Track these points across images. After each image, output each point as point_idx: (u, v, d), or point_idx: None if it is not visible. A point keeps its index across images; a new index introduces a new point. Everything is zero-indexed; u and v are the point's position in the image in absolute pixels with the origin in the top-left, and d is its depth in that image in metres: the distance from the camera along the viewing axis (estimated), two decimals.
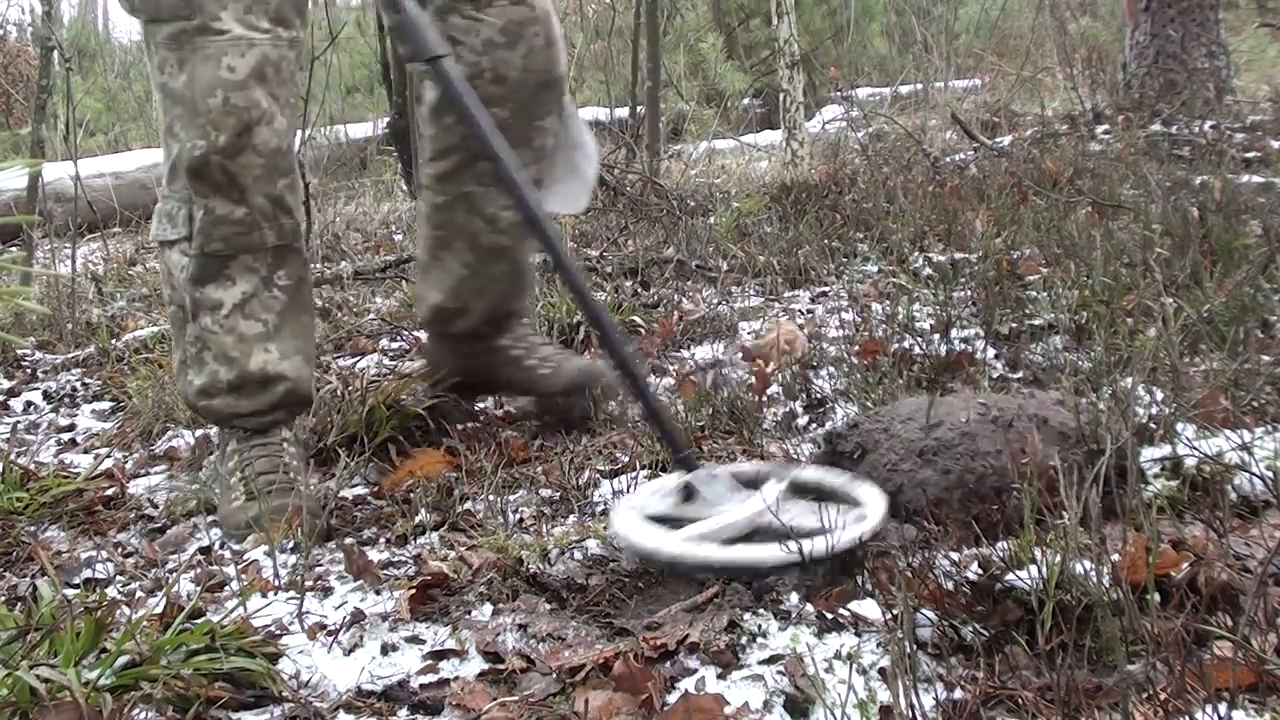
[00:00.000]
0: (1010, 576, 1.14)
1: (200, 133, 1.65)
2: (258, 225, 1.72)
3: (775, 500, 1.39)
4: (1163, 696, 0.95)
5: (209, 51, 1.64)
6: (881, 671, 1.10)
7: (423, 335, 2.91)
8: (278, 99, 1.69)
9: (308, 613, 1.35)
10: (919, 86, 7.48)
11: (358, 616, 1.32)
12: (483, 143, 1.62)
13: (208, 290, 1.75)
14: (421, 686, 1.18)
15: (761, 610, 1.24)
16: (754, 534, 1.38)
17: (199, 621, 1.21)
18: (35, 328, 3.34)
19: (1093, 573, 1.08)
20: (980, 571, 1.17)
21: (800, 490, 1.47)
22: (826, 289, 3.01)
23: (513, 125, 1.82)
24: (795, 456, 1.68)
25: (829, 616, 1.21)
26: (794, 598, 1.27)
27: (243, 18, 1.65)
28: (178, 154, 1.69)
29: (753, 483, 1.47)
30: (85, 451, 2.24)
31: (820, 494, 1.45)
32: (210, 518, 1.76)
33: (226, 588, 1.49)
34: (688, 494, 1.49)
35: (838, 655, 1.14)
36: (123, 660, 1.12)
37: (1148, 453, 1.46)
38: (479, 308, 2.01)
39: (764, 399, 2.03)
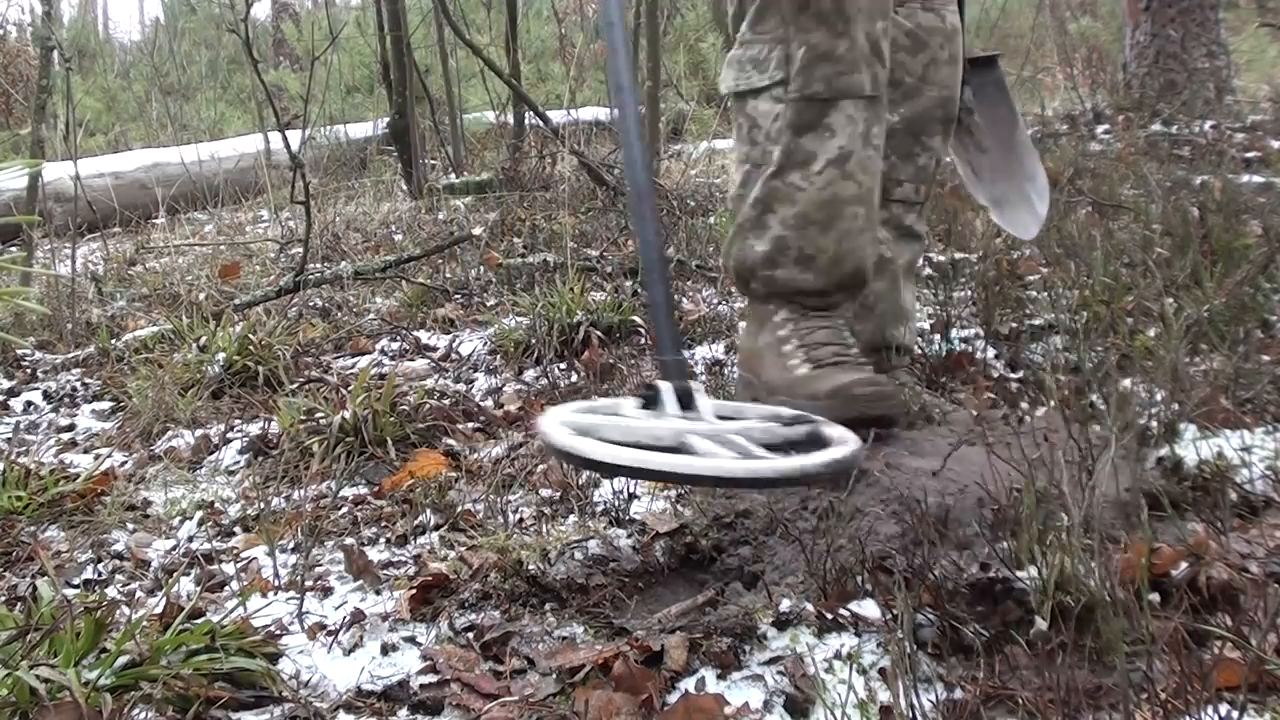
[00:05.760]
0: (1007, 574, 1.14)
1: None
2: (858, 66, 1.59)
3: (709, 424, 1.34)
4: (1163, 697, 0.95)
5: None
6: (881, 671, 1.10)
7: (423, 335, 2.92)
8: None
9: (308, 613, 1.35)
10: None
11: (358, 616, 1.32)
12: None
13: (804, 141, 1.60)
14: (421, 686, 1.18)
15: (761, 611, 1.24)
16: (679, 450, 1.30)
17: (199, 621, 1.21)
18: (35, 328, 3.34)
19: (1093, 573, 1.08)
20: (980, 571, 1.17)
21: (814, 442, 1.37)
22: None
23: (899, 134, 1.72)
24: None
25: (829, 617, 1.21)
26: (789, 602, 1.27)
27: None
28: None
29: (733, 416, 1.43)
30: (85, 451, 2.24)
31: (795, 442, 1.37)
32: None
33: (226, 588, 1.49)
34: (649, 402, 1.41)
35: (838, 655, 1.14)
36: (123, 660, 1.12)
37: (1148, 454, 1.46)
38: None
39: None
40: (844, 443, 1.32)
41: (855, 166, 1.61)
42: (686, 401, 1.37)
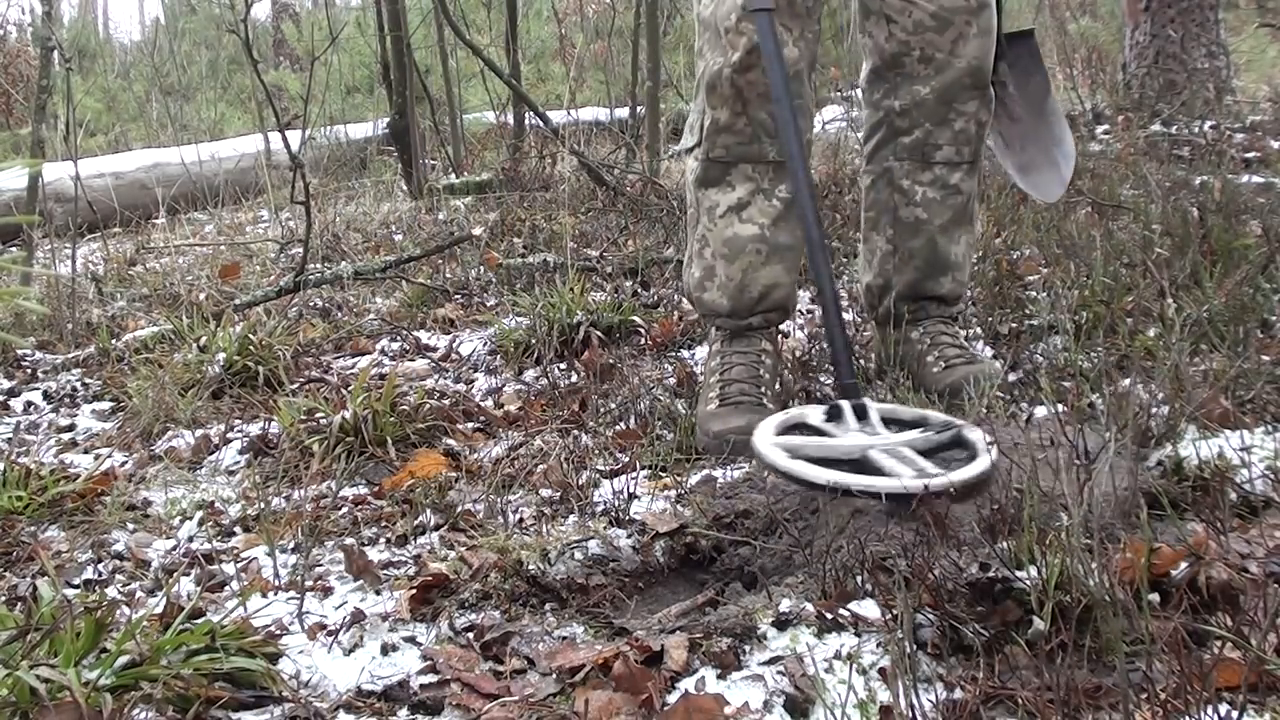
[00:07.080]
0: (1007, 574, 1.14)
1: (720, 51, 1.86)
2: (758, 138, 1.90)
3: (888, 440, 1.53)
4: (1163, 696, 0.95)
5: None
6: (881, 671, 1.10)
7: (423, 335, 2.92)
8: (790, 30, 1.86)
9: (308, 613, 1.35)
10: None
11: (358, 616, 1.32)
12: (773, 84, 1.76)
13: (710, 192, 1.97)
14: (421, 686, 1.18)
15: (761, 611, 1.24)
16: (862, 464, 1.49)
17: (199, 621, 1.21)
18: (35, 328, 3.34)
19: (1093, 573, 1.08)
20: (980, 571, 1.17)
21: (958, 444, 1.54)
22: None
23: (931, 103, 1.94)
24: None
25: (829, 617, 1.21)
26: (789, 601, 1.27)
27: None
28: (702, 71, 1.91)
29: (914, 425, 1.61)
30: (85, 451, 2.24)
31: (964, 451, 1.52)
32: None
33: (226, 588, 1.49)
34: (833, 415, 1.63)
35: (838, 655, 1.13)
36: (123, 660, 1.12)
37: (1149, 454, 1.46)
38: (898, 284, 2.04)
39: None
40: (983, 448, 1.47)
41: (754, 212, 1.94)
42: (861, 414, 1.61)
